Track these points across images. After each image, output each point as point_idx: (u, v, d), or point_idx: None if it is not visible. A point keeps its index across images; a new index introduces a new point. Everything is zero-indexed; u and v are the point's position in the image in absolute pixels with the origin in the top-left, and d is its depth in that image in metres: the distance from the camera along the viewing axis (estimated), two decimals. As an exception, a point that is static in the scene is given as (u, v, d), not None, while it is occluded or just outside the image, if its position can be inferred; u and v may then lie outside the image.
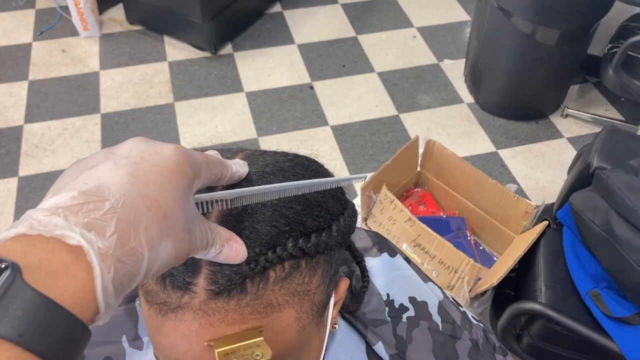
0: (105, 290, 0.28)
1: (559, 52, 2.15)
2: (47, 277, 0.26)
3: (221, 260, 0.39)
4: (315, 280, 0.45)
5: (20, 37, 2.74)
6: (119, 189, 0.30)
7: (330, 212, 0.47)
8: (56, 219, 0.28)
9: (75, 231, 0.28)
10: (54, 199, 0.29)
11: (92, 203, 0.29)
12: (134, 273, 0.30)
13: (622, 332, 1.19)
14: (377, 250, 0.69)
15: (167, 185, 0.32)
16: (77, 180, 0.31)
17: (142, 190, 0.31)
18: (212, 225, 0.37)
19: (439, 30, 2.89)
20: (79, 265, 0.27)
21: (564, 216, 1.39)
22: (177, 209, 0.32)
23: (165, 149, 0.34)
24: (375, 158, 2.25)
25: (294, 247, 0.42)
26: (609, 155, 1.33)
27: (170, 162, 0.33)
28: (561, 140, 2.36)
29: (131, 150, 0.33)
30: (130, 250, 0.29)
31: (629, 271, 1.16)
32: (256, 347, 0.41)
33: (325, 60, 2.69)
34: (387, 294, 0.65)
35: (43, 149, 2.24)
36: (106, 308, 0.28)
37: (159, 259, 0.31)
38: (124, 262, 0.29)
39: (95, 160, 0.33)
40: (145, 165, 0.32)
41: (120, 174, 0.31)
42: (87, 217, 0.28)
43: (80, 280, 0.27)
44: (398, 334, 0.63)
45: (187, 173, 0.34)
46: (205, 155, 0.38)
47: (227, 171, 0.40)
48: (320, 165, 0.51)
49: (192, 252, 0.35)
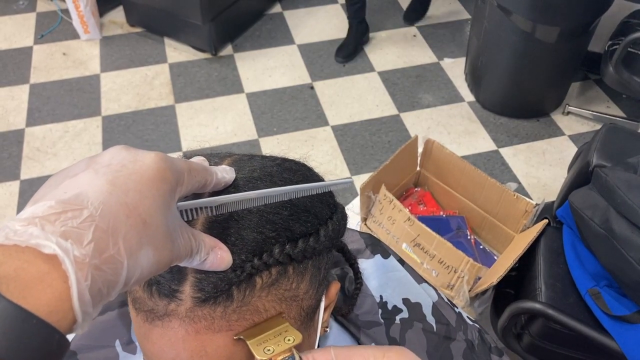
0: (82, 299, 0.27)
1: (559, 50, 2.14)
2: (22, 287, 0.26)
3: (206, 267, 0.38)
4: (303, 285, 0.45)
5: (22, 40, 2.75)
6: (98, 197, 0.30)
7: (318, 216, 0.46)
8: (32, 228, 0.28)
9: (50, 240, 0.27)
10: (31, 208, 0.29)
11: (70, 212, 0.29)
12: (113, 281, 0.29)
13: (622, 330, 1.19)
14: (370, 252, 0.69)
15: (147, 193, 0.32)
16: (57, 190, 0.31)
17: (122, 198, 0.31)
18: (196, 233, 0.37)
19: (439, 29, 2.88)
20: (54, 274, 0.27)
21: (564, 214, 1.38)
22: (157, 216, 0.32)
23: (146, 157, 0.34)
24: (376, 158, 2.25)
25: (280, 253, 0.42)
26: (608, 153, 1.33)
27: (151, 169, 0.33)
28: (562, 138, 2.35)
29: (112, 158, 0.33)
30: (109, 258, 0.29)
31: (629, 269, 1.16)
32: (285, 332, 0.41)
33: (325, 60, 2.69)
34: (380, 295, 0.65)
35: (44, 152, 2.24)
36: (83, 317, 0.28)
37: (139, 266, 0.31)
38: (102, 270, 0.29)
39: (76, 170, 0.33)
40: (125, 173, 0.32)
41: (99, 183, 0.31)
42: (65, 225, 0.28)
43: (56, 289, 0.27)
44: (391, 335, 0.63)
45: (169, 180, 0.34)
46: (187, 163, 0.38)
47: (212, 178, 0.40)
48: (309, 169, 0.51)
49: (176, 259, 0.35)
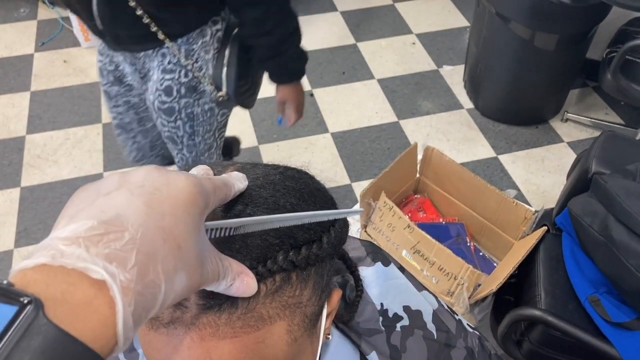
0: (126, 325, 0.28)
1: (557, 57, 2.15)
2: (69, 312, 0.26)
3: (231, 293, 0.39)
4: (307, 292, 0.45)
5: (22, 48, 2.76)
6: (137, 220, 0.30)
7: (320, 223, 0.47)
8: (78, 250, 0.28)
9: (98, 264, 0.27)
10: (72, 226, 0.29)
11: (112, 233, 0.29)
12: (151, 305, 0.29)
13: (622, 337, 1.19)
14: (371, 259, 0.70)
15: (181, 217, 0.32)
16: (93, 208, 0.30)
17: (159, 222, 0.31)
18: (224, 258, 0.38)
19: (438, 37, 2.90)
20: (101, 299, 0.27)
21: (563, 221, 1.39)
22: (190, 240, 0.33)
23: (178, 180, 0.34)
24: (375, 164, 2.25)
25: (284, 260, 0.42)
26: (607, 160, 1.34)
27: (184, 193, 0.33)
28: (561, 145, 2.36)
29: (145, 179, 0.33)
30: (149, 282, 0.29)
31: (628, 276, 1.16)
32: None
33: (325, 68, 2.70)
34: (381, 303, 0.65)
35: (45, 159, 2.25)
36: (125, 342, 0.28)
37: (173, 291, 0.31)
38: (143, 295, 0.29)
39: (108, 187, 0.32)
40: (160, 196, 0.32)
41: (136, 205, 0.31)
42: (108, 247, 0.28)
43: (102, 315, 0.27)
44: (392, 343, 0.63)
45: (199, 204, 0.34)
46: (212, 182, 0.38)
47: (231, 192, 0.41)
48: (311, 177, 0.51)
49: (204, 284, 0.35)
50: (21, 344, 0.24)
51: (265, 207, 0.43)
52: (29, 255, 0.28)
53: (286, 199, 0.45)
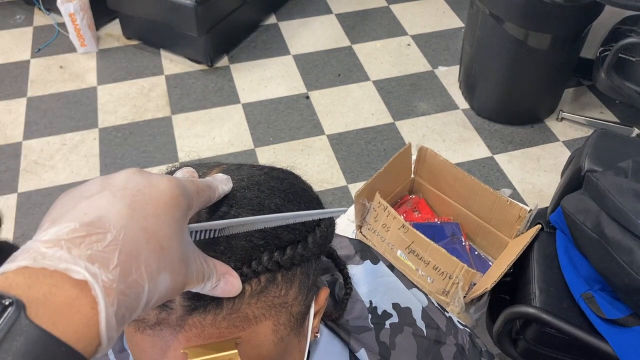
0: (109, 325, 0.28)
1: (551, 57, 2.16)
2: (51, 313, 0.26)
3: (217, 294, 0.39)
4: (292, 292, 0.46)
5: (19, 54, 2.77)
6: (119, 221, 0.30)
7: (305, 223, 0.47)
8: (60, 251, 0.28)
9: (79, 265, 0.28)
10: (54, 229, 0.29)
11: (94, 235, 0.29)
12: (135, 305, 0.30)
13: (616, 333, 1.20)
14: (360, 257, 0.70)
15: (164, 218, 0.33)
16: (76, 210, 0.31)
17: (141, 223, 0.31)
18: (208, 259, 0.38)
19: (433, 38, 2.91)
20: (83, 299, 0.27)
21: (557, 219, 1.39)
22: (173, 241, 0.33)
23: (161, 183, 0.34)
24: (371, 166, 2.26)
25: (269, 260, 0.42)
26: (600, 158, 1.34)
27: (166, 195, 0.34)
28: (557, 144, 2.37)
29: (127, 181, 0.34)
30: (132, 282, 0.29)
31: (621, 273, 1.16)
32: None
33: (320, 70, 2.71)
34: (370, 301, 0.66)
35: (42, 165, 2.26)
36: (108, 342, 0.28)
37: (157, 291, 0.31)
38: (126, 294, 0.29)
39: (90, 190, 0.33)
40: (142, 198, 0.33)
41: (119, 206, 0.31)
42: (90, 249, 0.28)
43: (85, 315, 0.27)
44: (381, 340, 0.64)
45: (182, 206, 0.35)
46: (195, 184, 0.38)
47: (215, 194, 0.41)
48: (296, 177, 0.52)
49: (188, 285, 0.35)
50: (3, 346, 0.25)
51: (249, 208, 0.43)
52: (12, 258, 0.28)
53: (271, 200, 0.45)
